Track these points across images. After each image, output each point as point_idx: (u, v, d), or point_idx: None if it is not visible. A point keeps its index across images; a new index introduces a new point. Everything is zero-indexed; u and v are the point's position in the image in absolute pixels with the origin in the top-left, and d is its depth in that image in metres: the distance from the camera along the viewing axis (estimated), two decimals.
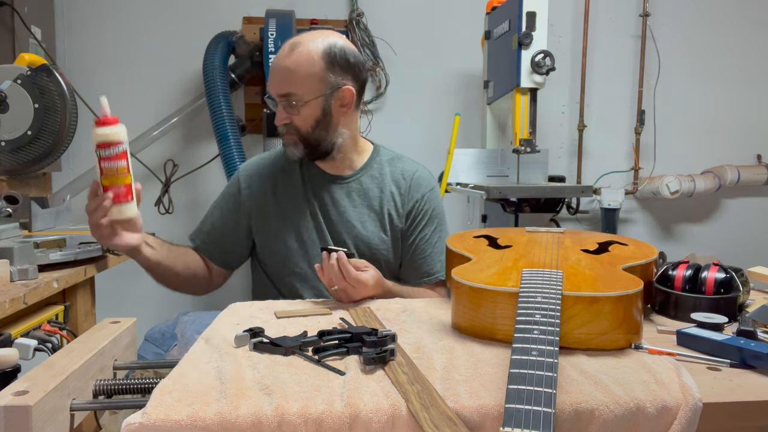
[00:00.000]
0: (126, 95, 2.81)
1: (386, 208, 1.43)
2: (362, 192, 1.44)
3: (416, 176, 1.47)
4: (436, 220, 1.47)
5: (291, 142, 1.38)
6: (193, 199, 2.83)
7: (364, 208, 1.43)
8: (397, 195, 1.45)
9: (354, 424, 0.66)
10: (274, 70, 1.35)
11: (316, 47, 1.33)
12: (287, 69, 1.32)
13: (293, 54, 1.32)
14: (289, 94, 1.33)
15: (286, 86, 1.33)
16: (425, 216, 1.45)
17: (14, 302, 1.20)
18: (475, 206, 2.85)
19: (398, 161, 1.49)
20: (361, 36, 2.85)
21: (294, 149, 1.39)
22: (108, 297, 2.28)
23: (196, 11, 2.82)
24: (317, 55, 1.32)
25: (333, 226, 1.42)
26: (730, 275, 1.05)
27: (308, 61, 1.32)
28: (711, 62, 3.11)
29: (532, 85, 2.26)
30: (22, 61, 1.71)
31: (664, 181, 2.92)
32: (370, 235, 1.42)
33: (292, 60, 1.32)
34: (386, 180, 1.45)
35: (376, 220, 1.43)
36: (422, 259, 1.44)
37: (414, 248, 1.44)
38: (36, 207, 1.74)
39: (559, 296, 0.83)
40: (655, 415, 0.69)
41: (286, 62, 1.32)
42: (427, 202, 1.45)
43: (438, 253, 1.45)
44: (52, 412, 0.74)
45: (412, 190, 1.45)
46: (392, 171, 1.47)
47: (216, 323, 1.03)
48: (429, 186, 1.48)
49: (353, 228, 1.41)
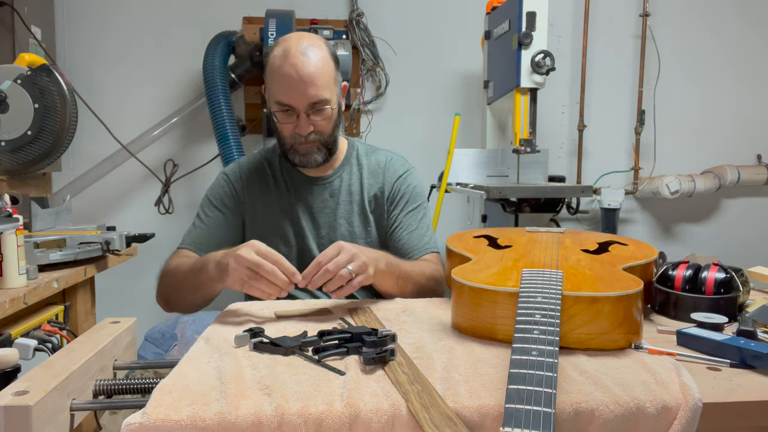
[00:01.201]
0: (126, 95, 2.81)
1: (367, 200, 1.44)
2: (344, 188, 1.44)
3: (390, 162, 1.48)
4: (419, 199, 1.47)
5: (314, 149, 1.35)
6: (193, 199, 2.83)
7: (348, 204, 1.43)
8: (375, 184, 1.45)
9: (354, 424, 0.66)
10: (297, 80, 1.27)
11: (322, 46, 1.30)
12: (313, 75, 1.26)
13: (311, 57, 1.26)
14: (321, 100, 1.29)
15: (319, 93, 1.28)
16: (404, 196, 1.45)
17: (14, 302, 1.20)
18: (475, 206, 2.85)
19: (373, 153, 1.50)
20: (361, 36, 2.85)
21: (318, 156, 1.36)
22: (108, 297, 2.28)
23: (196, 11, 2.82)
24: (328, 54, 1.30)
25: (320, 228, 1.42)
26: (730, 275, 1.05)
27: (325, 62, 1.29)
28: (711, 62, 3.11)
29: (532, 85, 2.25)
30: (22, 61, 1.71)
31: (664, 181, 2.92)
32: (356, 231, 1.42)
33: (314, 63, 1.26)
34: (364, 172, 1.46)
35: (360, 215, 1.44)
36: (408, 234, 1.43)
37: (398, 227, 1.44)
38: (36, 207, 1.74)
39: (559, 296, 0.83)
40: (655, 415, 0.69)
41: (309, 68, 1.26)
42: (403, 182, 1.46)
43: (424, 227, 1.44)
44: (52, 412, 0.74)
45: (387, 174, 1.46)
46: (368, 163, 1.47)
47: (216, 323, 1.03)
48: (403, 168, 1.49)
49: (339, 227, 1.42)
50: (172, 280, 1.33)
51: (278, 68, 1.28)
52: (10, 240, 1.25)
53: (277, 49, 1.30)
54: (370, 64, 2.89)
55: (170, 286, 1.34)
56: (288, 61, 1.27)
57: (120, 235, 1.64)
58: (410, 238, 1.42)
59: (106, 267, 1.68)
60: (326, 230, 1.42)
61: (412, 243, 1.42)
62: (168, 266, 1.36)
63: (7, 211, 1.26)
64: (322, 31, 2.61)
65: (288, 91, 1.28)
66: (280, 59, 1.29)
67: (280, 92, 1.30)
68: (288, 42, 1.30)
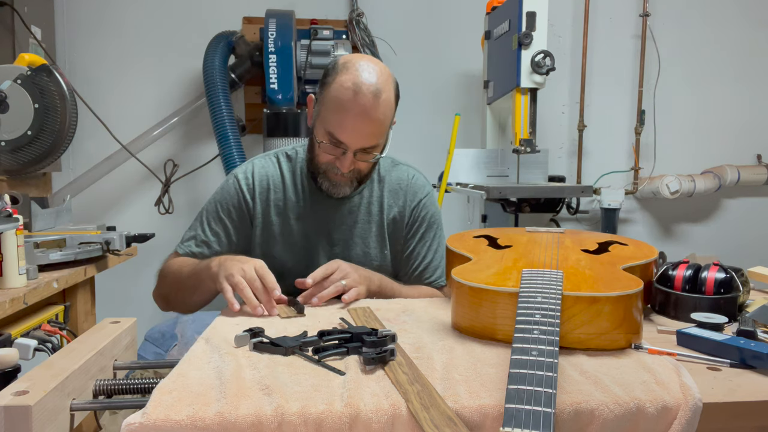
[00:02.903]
0: (126, 95, 2.82)
1: (386, 222, 1.41)
2: (363, 206, 1.40)
3: (412, 183, 1.44)
4: (435, 226, 1.44)
5: (347, 183, 1.32)
6: (193, 199, 2.83)
7: (367, 224, 1.40)
8: (395, 206, 1.41)
9: (354, 424, 0.66)
10: (361, 122, 1.21)
11: (392, 90, 1.24)
12: (377, 122, 1.22)
13: (380, 102, 1.21)
14: (374, 146, 1.26)
15: (375, 139, 1.25)
16: (423, 222, 1.42)
17: (14, 302, 1.20)
18: (475, 206, 2.85)
19: (394, 169, 1.45)
20: (361, 36, 2.85)
21: (348, 188, 1.33)
22: (108, 297, 2.28)
23: (196, 11, 2.82)
24: (393, 99, 1.25)
25: (334, 245, 1.38)
26: (730, 275, 1.05)
27: (390, 108, 1.24)
28: (711, 62, 3.11)
29: (532, 85, 2.26)
30: (22, 61, 1.71)
31: (664, 181, 2.92)
32: (372, 251, 1.39)
33: (381, 110, 1.22)
34: (385, 191, 1.42)
35: (377, 236, 1.40)
36: (423, 264, 1.42)
37: (413, 255, 1.42)
38: (36, 207, 1.74)
39: (559, 296, 0.83)
40: (655, 415, 0.69)
41: (376, 114, 1.21)
42: (423, 208, 1.43)
43: (438, 259, 1.43)
44: (52, 412, 0.74)
45: (409, 197, 1.42)
46: (390, 179, 1.43)
47: (216, 323, 1.03)
48: (425, 191, 1.45)
49: (355, 246, 1.38)
50: (173, 279, 1.32)
51: (343, 101, 1.21)
52: (10, 240, 1.26)
53: (347, 77, 1.21)
54: None
55: (170, 285, 1.33)
56: (357, 100, 1.20)
57: (120, 235, 1.63)
58: (424, 270, 1.42)
59: (106, 267, 1.68)
60: (341, 248, 1.38)
61: (425, 276, 1.42)
62: (169, 266, 1.35)
63: (7, 211, 1.26)
64: (322, 31, 2.61)
65: (347, 130, 1.23)
66: (348, 93, 1.20)
67: (335, 126, 1.23)
68: (360, 74, 1.21)
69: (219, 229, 1.38)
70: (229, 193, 1.39)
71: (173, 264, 1.34)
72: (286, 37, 2.47)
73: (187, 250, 1.38)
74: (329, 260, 1.34)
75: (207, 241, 1.37)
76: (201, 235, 1.38)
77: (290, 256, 1.37)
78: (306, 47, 2.59)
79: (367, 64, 1.23)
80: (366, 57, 1.28)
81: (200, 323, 1.93)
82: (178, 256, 1.38)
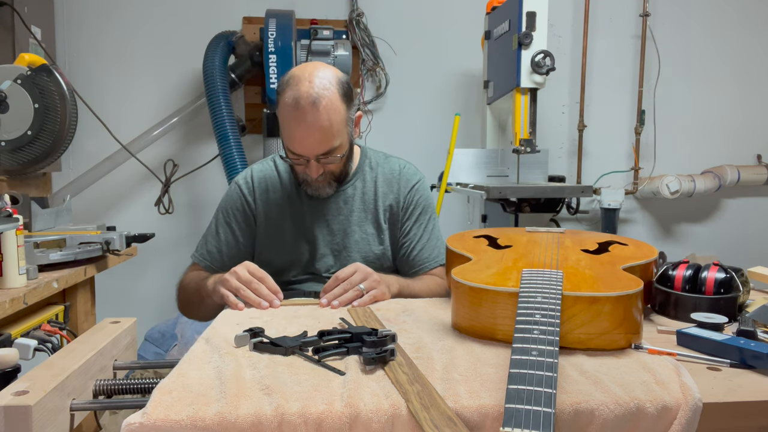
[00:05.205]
0: (126, 95, 2.82)
1: (382, 210, 1.45)
2: (357, 196, 1.45)
3: (404, 171, 1.49)
4: (430, 210, 1.50)
5: (325, 185, 1.37)
6: (193, 199, 2.84)
7: (362, 212, 1.45)
8: (389, 193, 1.47)
9: (354, 424, 0.66)
10: (307, 133, 1.26)
11: (334, 92, 1.26)
12: (323, 128, 1.25)
13: (320, 110, 1.24)
14: (331, 149, 1.29)
15: (328, 144, 1.28)
16: (418, 206, 1.47)
17: (14, 302, 1.20)
18: (475, 206, 2.85)
19: (385, 161, 1.51)
20: (361, 36, 2.85)
21: (329, 189, 1.39)
22: (108, 297, 2.28)
23: (196, 11, 2.82)
24: (338, 100, 1.27)
25: (334, 235, 1.43)
26: (730, 275, 1.05)
27: (335, 110, 1.26)
28: (711, 62, 3.11)
29: (532, 85, 2.26)
30: (22, 61, 1.71)
31: (664, 181, 2.92)
32: (370, 237, 1.44)
33: (324, 117, 1.24)
34: (379, 180, 1.47)
35: (373, 222, 1.45)
36: (421, 246, 1.45)
37: (410, 235, 1.46)
38: (36, 207, 1.74)
39: (559, 296, 0.83)
40: (655, 415, 0.69)
41: (319, 122, 1.24)
42: (416, 192, 1.48)
43: (435, 239, 1.47)
44: (52, 412, 0.74)
45: (402, 183, 1.47)
46: (382, 170, 1.49)
47: (216, 323, 1.03)
48: (416, 177, 1.50)
49: (353, 233, 1.43)
50: (184, 295, 1.42)
51: (287, 118, 1.26)
52: (10, 240, 1.26)
53: (288, 94, 1.26)
54: (370, 64, 2.89)
55: (183, 300, 1.43)
56: (298, 114, 1.24)
57: (120, 235, 1.64)
58: (423, 250, 1.45)
59: (106, 267, 1.68)
60: (340, 236, 1.43)
61: (425, 255, 1.45)
62: (183, 281, 1.44)
63: (7, 211, 1.26)
64: (322, 31, 2.61)
65: (297, 143, 1.28)
66: (289, 108, 1.25)
67: (289, 141, 1.29)
68: (299, 87, 1.25)
69: (227, 234, 1.45)
70: (232, 199, 1.47)
71: (185, 279, 1.44)
72: (286, 37, 2.47)
73: (200, 258, 1.46)
74: (331, 250, 1.43)
75: (218, 247, 1.45)
76: (212, 242, 1.46)
77: (294, 249, 1.43)
78: (306, 47, 2.59)
79: (303, 74, 1.27)
80: (308, 65, 1.31)
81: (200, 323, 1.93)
82: (195, 266, 1.46)
